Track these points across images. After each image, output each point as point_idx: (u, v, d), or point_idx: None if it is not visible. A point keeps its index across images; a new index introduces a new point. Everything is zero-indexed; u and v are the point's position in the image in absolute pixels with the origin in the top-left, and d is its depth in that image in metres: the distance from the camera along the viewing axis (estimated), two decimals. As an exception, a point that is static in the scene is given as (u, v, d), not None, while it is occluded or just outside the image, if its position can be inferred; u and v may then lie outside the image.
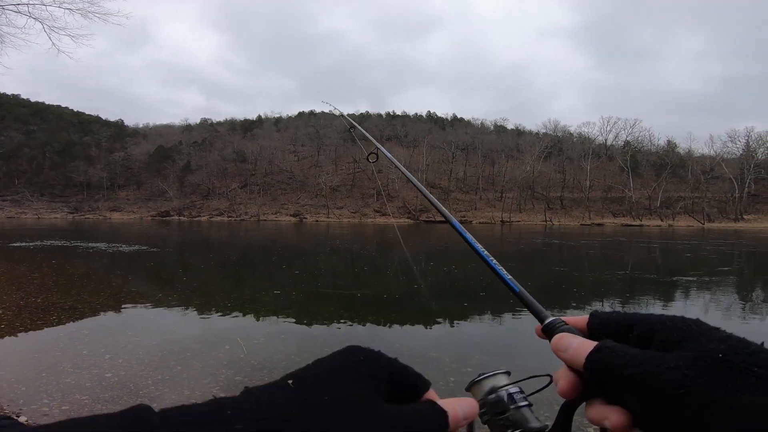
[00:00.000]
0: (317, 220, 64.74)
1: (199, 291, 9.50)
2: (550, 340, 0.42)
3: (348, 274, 12.75)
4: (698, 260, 17.10)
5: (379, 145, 1.29)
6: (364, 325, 6.72)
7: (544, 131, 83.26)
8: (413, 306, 8.51)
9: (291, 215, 68.39)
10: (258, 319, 6.91)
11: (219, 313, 7.22)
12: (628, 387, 0.33)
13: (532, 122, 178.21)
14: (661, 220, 60.00)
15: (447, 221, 0.77)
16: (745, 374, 0.29)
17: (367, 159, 1.27)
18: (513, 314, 7.41)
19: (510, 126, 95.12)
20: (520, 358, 5.41)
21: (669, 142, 77.55)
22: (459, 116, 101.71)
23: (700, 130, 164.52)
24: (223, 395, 2.36)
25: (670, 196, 65.57)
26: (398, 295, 9.55)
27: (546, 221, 61.59)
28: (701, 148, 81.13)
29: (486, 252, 0.66)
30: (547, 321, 0.45)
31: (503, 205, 66.26)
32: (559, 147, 76.38)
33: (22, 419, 3.07)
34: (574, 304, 8.33)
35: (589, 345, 0.37)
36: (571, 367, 0.39)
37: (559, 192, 69.99)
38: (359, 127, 1.60)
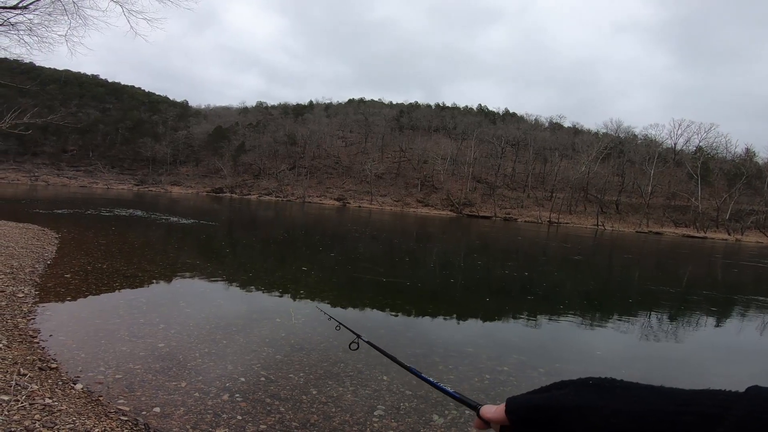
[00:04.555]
0: (360, 206, 65.41)
1: (245, 267, 9.93)
2: (477, 414, 0.57)
3: (385, 262, 12.77)
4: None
5: (359, 335, 1.43)
6: (398, 315, 6.71)
7: (605, 131, 78.30)
8: (449, 300, 8.38)
9: (335, 199, 69.62)
10: (298, 299, 7.10)
11: (262, 291, 7.50)
12: (539, 413, 0.47)
13: (592, 121, 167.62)
14: (728, 234, 54.74)
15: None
16: (612, 390, 0.45)
17: (349, 347, 1.41)
18: (551, 318, 7.10)
19: (567, 124, 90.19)
20: (558, 361, 5.31)
21: (747, 150, 70.24)
22: (511, 111, 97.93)
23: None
24: (264, 373, 2.40)
25: (741, 208, 59.59)
26: (435, 287, 9.45)
27: (597, 225, 58.28)
28: (782, 158, 72.60)
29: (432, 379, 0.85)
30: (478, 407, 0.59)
31: (553, 205, 63.37)
32: (620, 148, 71.50)
33: (78, 387, 3.27)
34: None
35: (503, 404, 0.53)
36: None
37: (615, 196, 65.80)
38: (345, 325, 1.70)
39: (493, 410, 0.53)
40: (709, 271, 17.64)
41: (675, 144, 73.17)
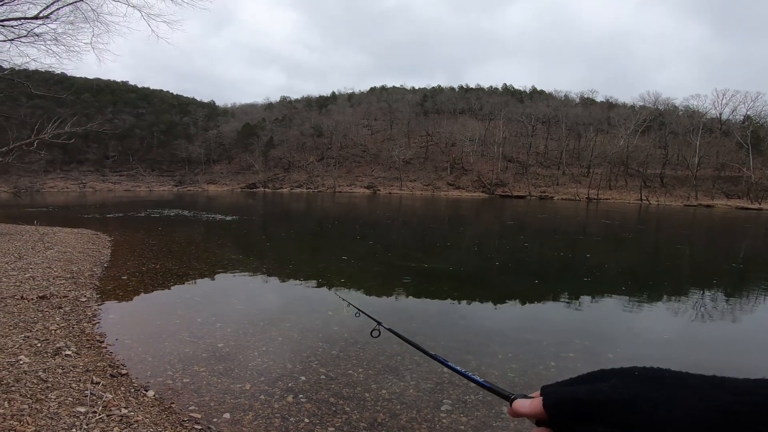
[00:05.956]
0: (390, 192, 65.28)
1: (286, 260, 10.04)
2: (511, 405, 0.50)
3: (423, 248, 12.57)
4: None
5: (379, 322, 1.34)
6: (448, 302, 6.54)
7: (642, 104, 73.69)
8: (497, 284, 8.13)
9: (365, 187, 69.70)
10: (344, 290, 7.07)
11: (307, 283, 7.52)
12: (584, 407, 0.42)
13: (627, 95, 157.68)
14: (784, 204, 50.63)
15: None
16: (662, 380, 0.41)
17: (371, 335, 1.35)
18: (611, 300, 6.71)
19: (599, 98, 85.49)
20: (626, 346, 5.04)
21: (799, 116, 64.18)
22: (539, 88, 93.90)
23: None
24: (323, 370, 3.00)
25: (796, 177, 54.86)
26: (478, 271, 9.23)
27: (641, 200, 55.35)
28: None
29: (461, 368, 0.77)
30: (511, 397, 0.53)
31: (590, 181, 60.64)
32: (661, 120, 67.17)
33: (150, 394, 3.27)
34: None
35: (538, 396, 0.47)
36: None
37: (658, 169, 62.06)
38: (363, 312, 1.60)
39: (528, 404, 0.48)
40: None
41: (720, 114, 67.87)
